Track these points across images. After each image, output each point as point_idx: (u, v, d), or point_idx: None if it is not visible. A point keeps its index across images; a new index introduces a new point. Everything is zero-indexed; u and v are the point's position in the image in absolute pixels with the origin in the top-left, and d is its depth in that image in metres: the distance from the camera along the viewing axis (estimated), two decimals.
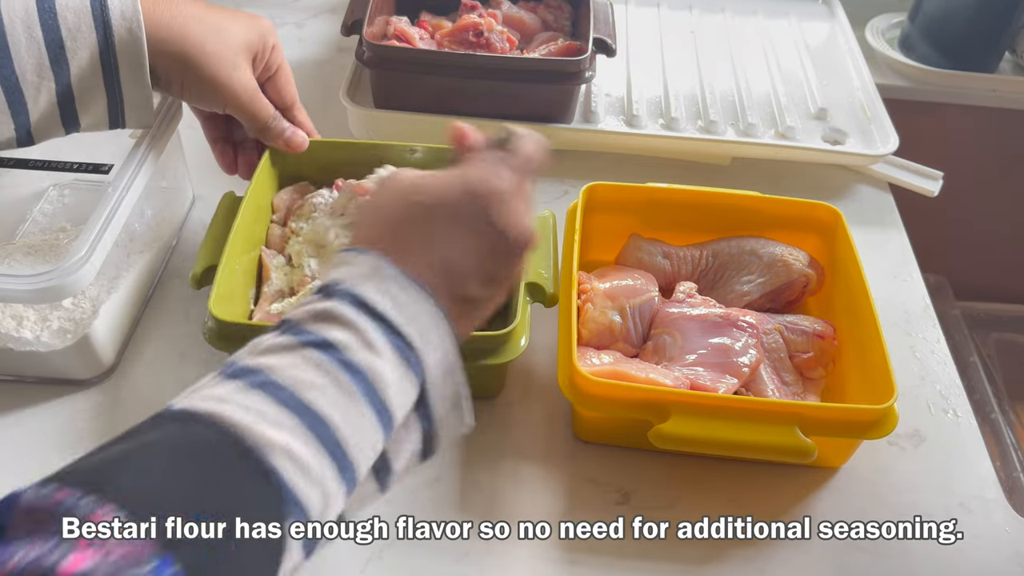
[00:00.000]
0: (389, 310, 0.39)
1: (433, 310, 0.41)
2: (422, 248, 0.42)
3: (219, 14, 0.62)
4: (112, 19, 0.56)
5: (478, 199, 0.43)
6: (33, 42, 0.54)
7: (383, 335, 0.38)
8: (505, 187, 0.44)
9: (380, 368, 0.38)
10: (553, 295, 0.64)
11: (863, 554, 0.58)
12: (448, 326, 0.41)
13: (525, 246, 0.44)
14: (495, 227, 0.43)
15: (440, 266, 0.42)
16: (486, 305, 0.46)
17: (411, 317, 0.40)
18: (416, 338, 0.39)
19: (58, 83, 0.56)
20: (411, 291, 0.40)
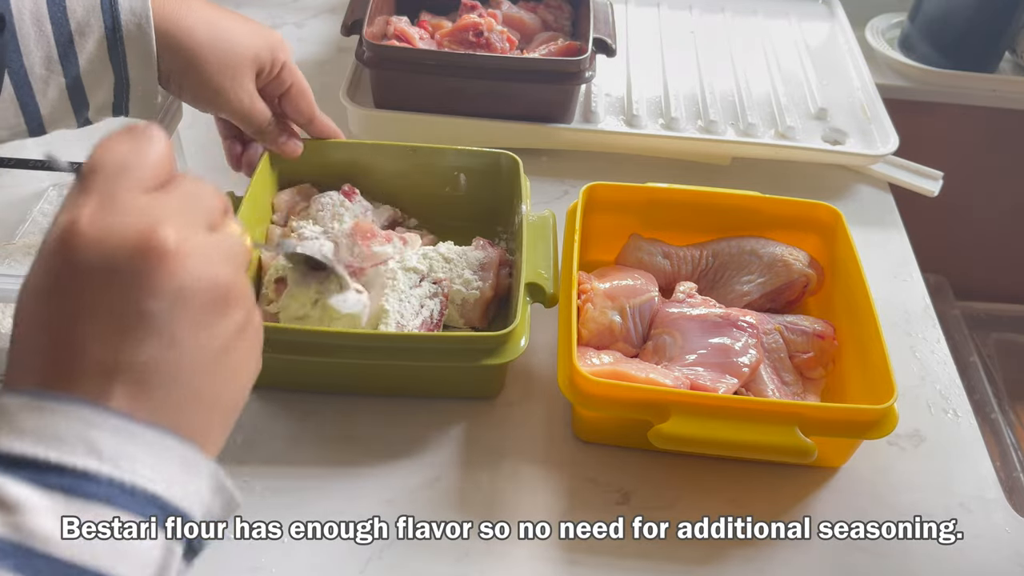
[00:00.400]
0: (28, 449, 0.29)
1: (99, 417, 0.30)
2: (41, 340, 0.32)
3: (232, 22, 0.61)
4: (121, 14, 0.56)
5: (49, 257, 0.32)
6: (42, 36, 0.54)
7: (29, 482, 0.28)
8: (66, 219, 0.32)
9: (33, 527, 0.28)
10: (553, 295, 0.63)
11: (863, 554, 0.58)
12: (137, 424, 0.31)
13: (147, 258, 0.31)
14: (85, 265, 0.31)
15: (72, 344, 0.31)
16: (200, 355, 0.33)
17: (69, 440, 0.29)
18: (84, 458, 0.29)
19: (67, 76, 0.56)
20: (53, 410, 0.30)
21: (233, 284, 0.34)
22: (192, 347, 0.32)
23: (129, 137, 0.34)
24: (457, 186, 0.74)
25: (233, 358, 0.34)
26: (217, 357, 0.33)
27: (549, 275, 0.64)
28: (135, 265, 0.31)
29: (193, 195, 0.35)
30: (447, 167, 0.74)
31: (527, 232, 0.66)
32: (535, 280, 0.63)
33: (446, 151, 0.73)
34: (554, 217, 0.69)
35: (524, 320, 0.61)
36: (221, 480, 0.34)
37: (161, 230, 0.31)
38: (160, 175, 0.34)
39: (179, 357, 0.32)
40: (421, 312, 0.64)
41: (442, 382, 0.65)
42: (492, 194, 0.73)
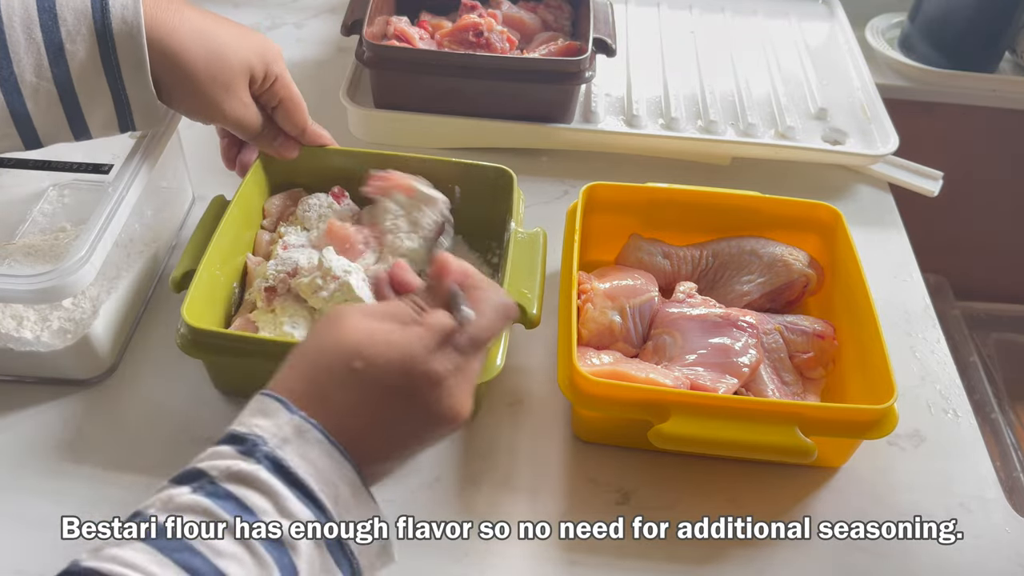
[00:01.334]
0: (310, 478, 0.38)
1: (354, 479, 0.40)
2: (350, 416, 0.41)
3: (226, 32, 0.60)
4: (112, 22, 0.55)
5: (415, 382, 0.42)
6: (32, 43, 0.53)
7: (303, 504, 0.38)
8: (443, 371, 0.42)
9: (297, 542, 0.37)
10: (535, 316, 0.61)
11: (863, 554, 0.58)
12: (367, 493, 0.41)
13: (454, 425, 0.43)
14: (427, 410, 0.42)
15: (366, 437, 0.41)
16: (403, 464, 0.45)
17: (327, 481, 0.39)
18: (331, 502, 0.39)
19: (58, 84, 0.55)
20: (334, 458, 0.40)
21: (467, 411, 0.44)
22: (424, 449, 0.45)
23: (503, 318, 0.46)
24: (452, 198, 0.73)
25: (434, 442, 0.45)
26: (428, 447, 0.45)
27: (533, 295, 0.61)
28: (446, 423, 0.43)
29: (484, 356, 0.46)
30: (442, 179, 0.72)
31: (514, 250, 0.64)
32: (517, 300, 0.60)
33: (439, 162, 0.72)
34: (545, 235, 0.67)
35: (500, 340, 0.59)
36: (391, 548, 0.43)
37: (469, 408, 0.44)
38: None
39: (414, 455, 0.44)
40: None
41: None
42: (487, 208, 0.71)
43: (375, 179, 0.68)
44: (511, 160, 0.87)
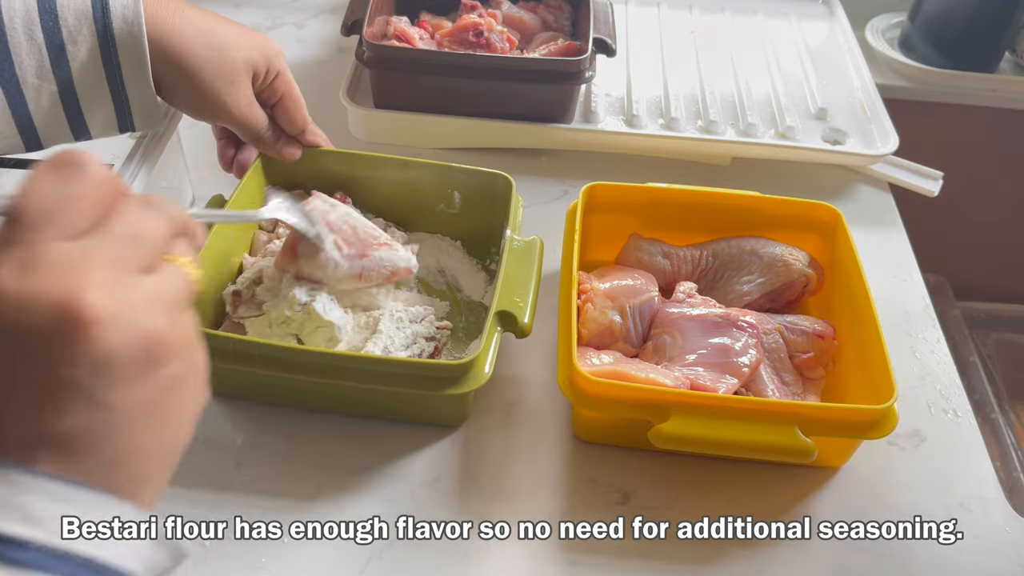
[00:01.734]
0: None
1: (31, 480, 0.29)
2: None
3: (227, 30, 0.61)
4: (113, 22, 0.55)
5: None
6: (33, 44, 0.53)
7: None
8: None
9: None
10: (526, 326, 0.60)
11: (863, 554, 0.58)
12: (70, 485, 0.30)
13: (71, 327, 0.29)
14: (4, 334, 0.29)
15: (7, 422, 0.30)
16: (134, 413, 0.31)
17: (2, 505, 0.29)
18: (19, 526, 0.29)
19: (59, 85, 0.55)
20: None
21: (166, 335, 0.32)
22: (122, 406, 0.31)
23: (55, 173, 0.31)
24: (451, 203, 0.73)
25: (170, 407, 0.33)
26: (152, 410, 0.32)
27: (525, 304, 0.61)
28: (55, 333, 0.29)
29: (131, 232, 0.32)
30: (441, 184, 0.72)
31: (508, 258, 0.64)
32: (508, 308, 0.60)
33: (439, 167, 0.72)
34: (542, 244, 0.66)
35: (488, 349, 0.59)
36: (162, 531, 0.32)
37: (84, 294, 0.29)
38: (92, 213, 0.31)
39: (108, 418, 0.30)
40: (412, 347, 0.63)
41: (402, 408, 0.63)
42: (486, 214, 0.71)
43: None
44: (511, 160, 0.88)
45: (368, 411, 0.64)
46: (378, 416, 0.63)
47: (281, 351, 0.57)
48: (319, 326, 0.60)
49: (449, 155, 0.87)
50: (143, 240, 0.32)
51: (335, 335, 0.61)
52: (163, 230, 0.34)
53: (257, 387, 0.63)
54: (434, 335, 0.65)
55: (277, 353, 0.58)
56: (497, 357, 0.59)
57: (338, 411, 0.64)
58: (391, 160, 0.72)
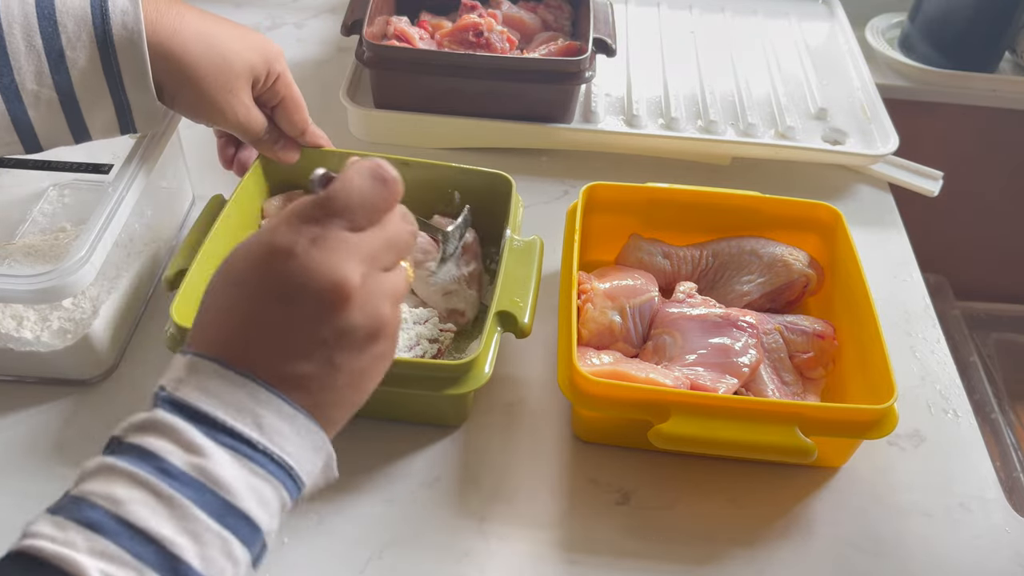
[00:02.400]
0: (211, 408, 0.36)
1: (268, 396, 0.37)
2: (231, 328, 0.38)
3: (227, 33, 0.60)
4: (113, 28, 0.55)
5: (264, 263, 0.38)
6: (32, 50, 0.53)
7: (207, 435, 0.36)
8: (287, 242, 0.38)
9: (211, 470, 0.35)
10: (526, 326, 0.60)
11: (863, 554, 0.58)
12: (292, 408, 0.38)
13: (337, 297, 0.38)
14: (290, 290, 0.38)
15: (259, 347, 0.38)
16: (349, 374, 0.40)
17: (241, 409, 0.37)
18: (251, 429, 0.37)
19: (59, 91, 0.55)
20: (238, 384, 0.37)
21: (389, 320, 0.41)
22: (345, 367, 0.40)
23: (370, 181, 0.40)
24: (451, 203, 0.73)
25: (371, 375, 0.42)
26: (361, 375, 0.41)
27: (525, 304, 0.61)
28: (323, 302, 0.38)
29: (391, 238, 0.41)
30: (441, 184, 0.72)
31: (508, 258, 0.64)
32: (508, 308, 0.60)
33: (440, 167, 0.72)
34: (541, 244, 0.66)
35: (488, 349, 0.59)
36: (331, 459, 0.41)
37: (352, 277, 0.38)
38: (375, 219, 0.41)
39: (332, 374, 0.39)
40: (415, 349, 0.63)
41: (402, 408, 0.63)
42: (486, 213, 0.71)
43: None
44: (511, 160, 0.88)
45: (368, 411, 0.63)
46: (378, 416, 0.63)
47: None
48: None
49: (449, 155, 0.87)
50: (396, 246, 0.42)
51: None
52: (410, 240, 0.43)
53: None
54: (437, 337, 0.65)
55: None
56: (497, 357, 0.59)
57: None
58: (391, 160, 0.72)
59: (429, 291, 0.67)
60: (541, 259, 0.65)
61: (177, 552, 0.33)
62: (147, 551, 0.33)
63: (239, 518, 0.35)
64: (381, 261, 0.41)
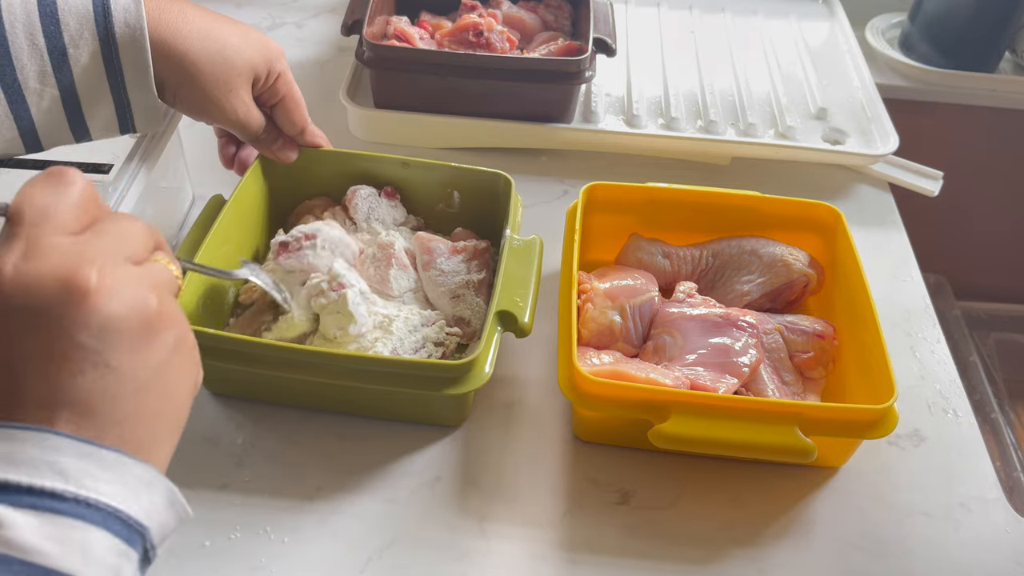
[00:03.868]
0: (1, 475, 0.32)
1: (57, 440, 0.33)
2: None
3: (229, 31, 0.60)
4: (115, 26, 0.55)
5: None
6: (35, 49, 0.53)
7: (5, 506, 0.32)
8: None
9: (14, 539, 0.31)
10: (527, 325, 0.60)
11: (863, 554, 0.58)
12: (91, 445, 0.34)
13: (73, 298, 0.34)
14: (12, 309, 0.34)
15: (24, 381, 0.34)
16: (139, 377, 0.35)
17: (34, 464, 0.32)
18: (52, 480, 0.32)
19: (61, 89, 0.55)
20: (13, 436, 0.33)
21: (160, 308, 0.36)
22: (128, 369, 0.35)
23: (48, 182, 0.37)
24: (451, 203, 0.73)
25: (169, 375, 0.37)
26: (153, 376, 0.36)
27: (525, 304, 0.61)
28: (60, 304, 0.34)
29: (117, 234, 0.37)
30: (441, 183, 0.72)
31: (508, 257, 0.64)
32: (508, 308, 0.60)
33: (439, 167, 0.72)
34: (541, 243, 0.66)
35: (488, 349, 0.58)
36: (174, 494, 0.36)
37: (82, 269, 0.34)
38: (82, 217, 0.37)
39: (116, 381, 0.35)
40: (420, 351, 0.63)
41: (402, 408, 0.63)
42: (486, 213, 0.71)
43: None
44: (511, 160, 0.88)
45: (368, 411, 0.64)
46: (378, 416, 0.63)
47: (281, 351, 0.57)
48: (339, 311, 0.61)
49: (449, 155, 0.87)
50: (130, 239, 0.38)
51: (348, 328, 0.61)
52: (145, 234, 0.39)
53: (257, 387, 0.63)
54: (443, 340, 0.64)
55: (276, 353, 0.58)
56: (497, 357, 0.59)
57: (338, 411, 0.64)
58: (391, 160, 0.72)
59: (437, 292, 0.67)
60: (541, 258, 0.65)
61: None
62: None
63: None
64: (120, 254, 0.37)
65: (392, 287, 0.67)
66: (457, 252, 0.68)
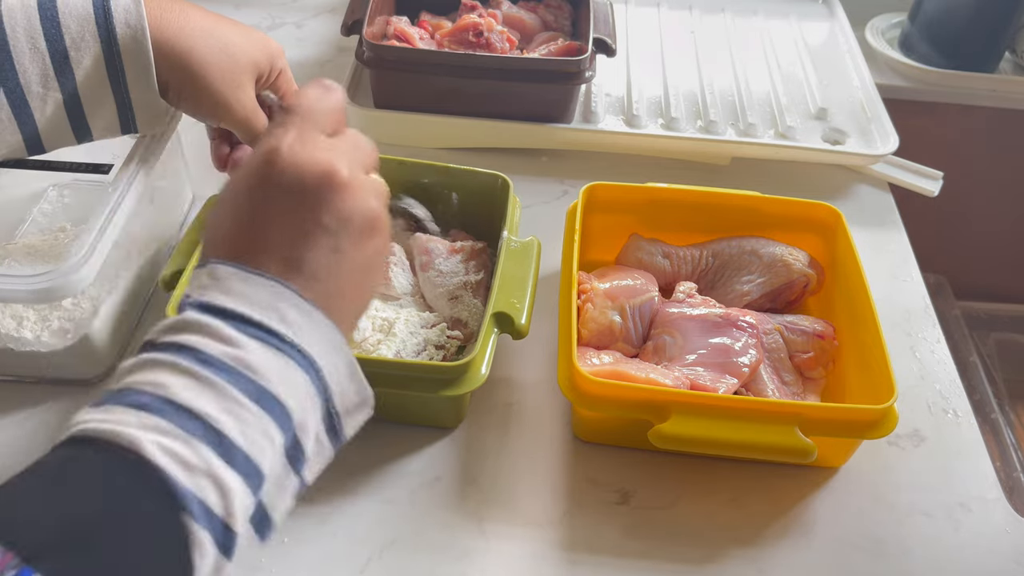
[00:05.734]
0: (238, 306, 0.38)
1: (286, 293, 0.39)
2: (241, 231, 0.41)
3: (230, 30, 0.60)
4: (116, 27, 0.55)
5: (258, 169, 0.41)
6: (37, 53, 0.53)
7: (237, 330, 0.37)
8: (270, 145, 0.41)
9: (245, 357, 0.37)
10: (523, 327, 0.60)
11: (863, 554, 0.58)
12: (308, 304, 0.40)
13: (326, 179, 0.40)
14: (284, 181, 0.40)
15: (268, 239, 0.40)
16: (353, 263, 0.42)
17: (266, 306, 0.39)
18: (277, 323, 0.39)
19: (64, 92, 0.55)
20: (259, 284, 0.39)
21: (382, 216, 0.43)
22: (349, 256, 0.41)
23: (317, 88, 0.44)
24: (449, 204, 0.73)
25: (371, 270, 0.44)
26: (362, 267, 0.42)
27: (522, 306, 0.61)
28: (319, 188, 0.40)
29: (357, 145, 0.44)
30: (439, 185, 0.72)
31: (506, 259, 0.64)
32: (505, 310, 0.60)
33: (437, 168, 0.71)
34: (539, 245, 0.66)
35: (485, 350, 0.58)
36: (353, 366, 0.42)
37: (340, 166, 0.41)
38: (336, 123, 0.44)
39: (339, 261, 0.41)
40: (422, 354, 0.63)
41: (398, 409, 0.62)
42: (484, 215, 0.71)
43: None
44: (511, 160, 0.88)
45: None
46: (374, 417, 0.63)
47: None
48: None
49: (449, 155, 0.87)
50: (364, 151, 0.44)
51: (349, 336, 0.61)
52: (373, 150, 0.46)
53: None
54: (444, 344, 0.64)
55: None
56: (497, 357, 0.59)
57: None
58: (388, 160, 0.72)
59: (436, 293, 0.67)
60: (538, 260, 0.65)
61: (221, 428, 0.35)
62: (195, 425, 0.35)
63: (273, 402, 0.37)
64: (360, 161, 0.43)
65: (394, 287, 0.67)
66: (455, 252, 0.68)
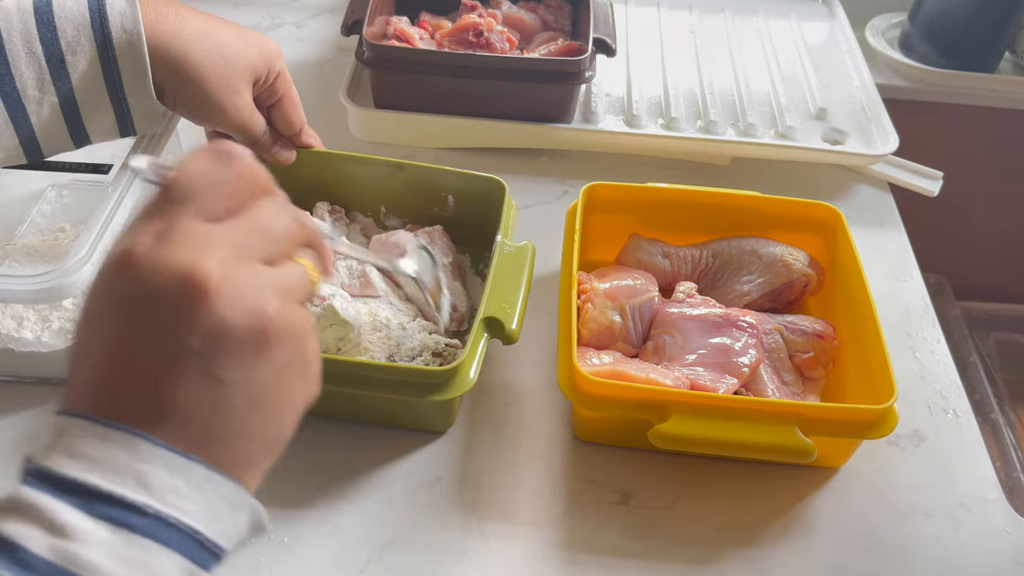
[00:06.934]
0: (83, 474, 0.30)
1: (147, 447, 0.31)
2: (95, 371, 0.32)
3: (227, 32, 0.60)
4: (112, 31, 0.55)
5: (103, 283, 0.33)
6: (33, 57, 0.53)
7: (80, 508, 0.30)
8: (123, 247, 0.32)
9: (76, 555, 0.29)
10: (514, 332, 0.59)
11: (863, 554, 0.58)
12: (182, 457, 0.32)
13: (189, 296, 0.31)
14: (135, 300, 0.32)
15: (124, 379, 0.32)
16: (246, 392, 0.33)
17: (122, 470, 0.30)
18: (134, 491, 0.30)
19: (60, 96, 0.55)
20: (108, 437, 0.31)
21: (277, 319, 0.33)
22: (233, 383, 0.32)
23: (209, 158, 0.34)
24: (445, 207, 0.73)
25: (278, 393, 0.34)
26: (261, 393, 0.33)
27: (513, 311, 0.60)
28: (175, 300, 0.31)
29: (261, 225, 0.35)
30: (435, 187, 0.72)
31: (499, 263, 0.63)
32: (496, 315, 0.59)
33: (433, 170, 0.71)
34: (533, 249, 0.66)
35: (473, 355, 0.58)
36: (258, 515, 0.35)
37: (204, 265, 0.31)
38: (230, 202, 0.34)
39: (220, 393, 0.32)
40: (417, 359, 0.63)
41: (387, 413, 0.62)
42: (481, 218, 0.71)
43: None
44: (511, 160, 0.88)
45: (353, 415, 0.63)
46: (363, 421, 0.63)
47: None
48: (332, 323, 0.61)
49: (449, 155, 0.87)
50: (270, 235, 0.35)
51: (348, 335, 0.61)
52: (291, 232, 0.36)
53: None
54: (442, 351, 0.64)
55: None
56: (497, 358, 0.59)
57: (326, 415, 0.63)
58: (385, 162, 0.72)
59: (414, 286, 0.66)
60: (532, 265, 0.65)
61: None
62: None
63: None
64: (253, 250, 0.34)
65: (375, 286, 0.67)
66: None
